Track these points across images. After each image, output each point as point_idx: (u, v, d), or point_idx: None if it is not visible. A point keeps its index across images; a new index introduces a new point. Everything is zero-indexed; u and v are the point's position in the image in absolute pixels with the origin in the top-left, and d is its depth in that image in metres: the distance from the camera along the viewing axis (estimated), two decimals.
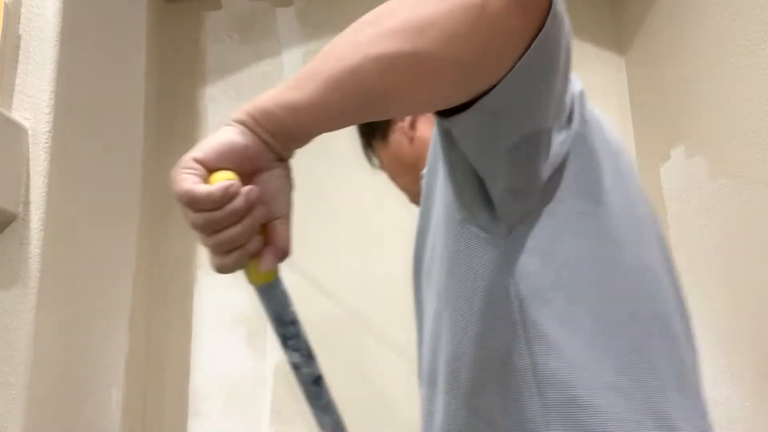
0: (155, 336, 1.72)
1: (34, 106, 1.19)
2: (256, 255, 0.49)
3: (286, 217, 0.50)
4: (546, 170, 0.56)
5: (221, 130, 0.48)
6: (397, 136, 0.90)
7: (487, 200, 0.58)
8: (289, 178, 0.51)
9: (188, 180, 0.45)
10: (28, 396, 1.09)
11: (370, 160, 1.03)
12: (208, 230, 0.46)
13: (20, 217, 1.14)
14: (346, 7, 1.94)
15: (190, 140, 1.86)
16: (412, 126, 0.88)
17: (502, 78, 0.46)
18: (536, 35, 0.45)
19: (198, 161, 0.46)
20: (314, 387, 0.63)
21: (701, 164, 1.47)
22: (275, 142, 0.48)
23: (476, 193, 0.58)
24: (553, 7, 0.45)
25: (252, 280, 0.51)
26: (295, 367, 0.61)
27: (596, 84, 1.86)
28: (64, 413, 1.23)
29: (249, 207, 0.46)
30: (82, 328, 1.31)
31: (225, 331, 1.72)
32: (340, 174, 1.82)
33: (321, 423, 0.66)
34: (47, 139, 1.19)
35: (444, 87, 0.47)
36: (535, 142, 0.53)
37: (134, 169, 1.64)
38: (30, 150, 1.17)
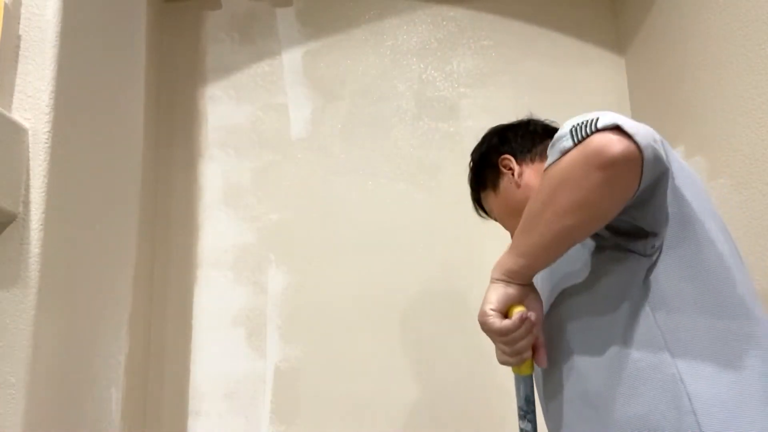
0: (155, 336, 1.72)
1: (34, 106, 1.19)
2: (528, 358, 0.83)
3: (539, 325, 0.83)
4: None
5: (492, 286, 0.81)
6: (506, 184, 1.09)
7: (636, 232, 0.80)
8: (536, 292, 0.84)
9: (497, 321, 0.79)
10: (28, 396, 1.09)
11: (479, 212, 1.22)
12: (512, 344, 0.80)
13: (20, 217, 1.14)
14: (346, 7, 1.94)
15: (190, 140, 1.86)
16: (520, 176, 1.08)
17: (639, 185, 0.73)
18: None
19: (493, 310, 0.79)
20: None
21: (701, 164, 1.47)
22: (523, 281, 0.82)
23: (631, 233, 0.81)
24: (645, 159, 0.69)
25: (523, 371, 0.85)
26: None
27: (596, 84, 1.86)
28: (64, 413, 1.22)
29: (532, 325, 0.79)
30: (82, 327, 1.31)
31: (225, 331, 1.72)
32: (341, 175, 1.82)
33: None
34: (47, 139, 1.18)
35: (609, 219, 0.76)
36: (663, 191, 0.78)
37: (134, 169, 1.64)
38: (30, 150, 1.17)
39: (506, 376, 1.66)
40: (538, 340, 0.83)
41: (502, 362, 0.83)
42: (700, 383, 0.72)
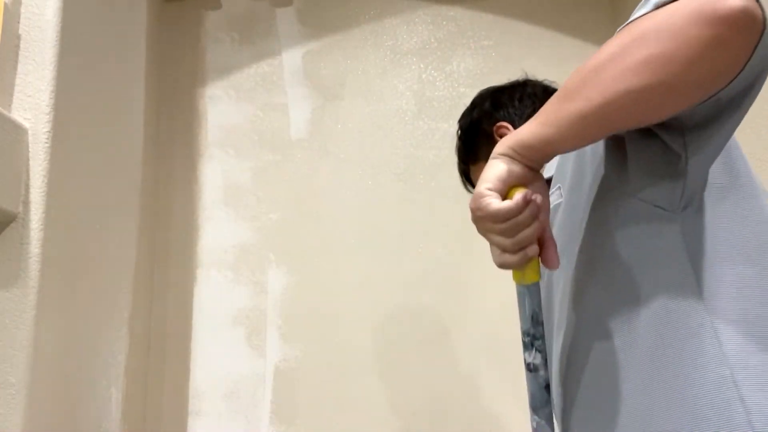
0: (155, 336, 1.72)
1: (34, 106, 1.19)
2: (534, 257, 0.62)
3: (548, 222, 0.64)
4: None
5: (493, 162, 0.62)
6: None
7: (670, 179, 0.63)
8: (544, 182, 0.64)
9: (494, 202, 0.60)
10: (28, 396, 1.09)
11: (465, 185, 1.06)
12: (511, 233, 0.60)
13: (20, 217, 1.14)
14: (346, 7, 1.94)
15: (190, 140, 1.86)
16: None
17: (735, 76, 0.54)
18: (756, 44, 0.53)
19: (490, 189, 0.60)
20: (545, 392, 0.67)
21: None
22: (533, 163, 0.62)
23: (662, 174, 0.63)
24: (765, 32, 0.53)
25: (529, 278, 0.64)
26: (534, 369, 0.67)
27: None
28: (64, 413, 1.22)
29: (538, 210, 0.60)
30: (82, 327, 1.31)
31: (225, 331, 1.72)
32: (341, 175, 1.82)
33: None
34: (47, 139, 1.18)
35: (685, 104, 0.56)
36: (739, 121, 0.60)
37: (134, 169, 1.64)
38: (30, 150, 1.17)
39: (509, 374, 1.66)
40: (546, 235, 0.63)
41: (501, 263, 0.62)
42: (757, 388, 0.56)
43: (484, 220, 0.61)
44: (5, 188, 1.10)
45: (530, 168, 0.62)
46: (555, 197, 0.78)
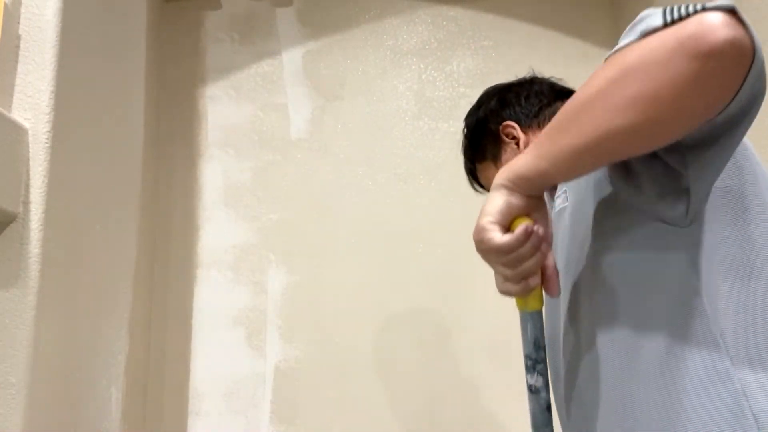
0: (155, 336, 1.72)
1: (34, 106, 1.19)
2: (536, 287, 0.64)
3: (551, 249, 0.65)
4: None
5: (493, 194, 0.64)
6: (510, 156, 0.93)
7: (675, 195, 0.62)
8: (546, 208, 0.65)
9: (496, 236, 0.61)
10: (28, 396, 1.09)
11: (472, 184, 1.06)
12: (514, 265, 0.62)
13: (20, 217, 1.14)
14: (346, 7, 1.94)
15: (190, 140, 1.86)
16: (527, 145, 0.91)
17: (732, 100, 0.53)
18: (749, 67, 0.51)
19: (492, 222, 0.62)
20: (547, 413, 0.69)
21: None
22: (533, 192, 0.63)
23: (667, 191, 0.63)
24: (755, 62, 0.51)
25: (530, 305, 0.66)
26: (536, 391, 0.68)
27: None
28: (64, 413, 1.22)
29: (540, 241, 0.61)
30: (82, 327, 1.31)
31: (225, 331, 1.72)
32: (341, 175, 1.82)
33: None
34: (47, 139, 1.18)
35: (678, 135, 0.56)
36: (740, 138, 0.60)
37: (134, 169, 1.64)
38: (30, 150, 1.17)
39: (509, 374, 1.66)
40: (548, 264, 0.64)
41: (504, 291, 0.65)
42: (767, 400, 0.56)
43: (487, 253, 0.62)
44: (5, 188, 1.10)
45: (530, 196, 0.63)
46: (561, 201, 0.78)
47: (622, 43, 0.57)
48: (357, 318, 1.71)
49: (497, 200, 0.63)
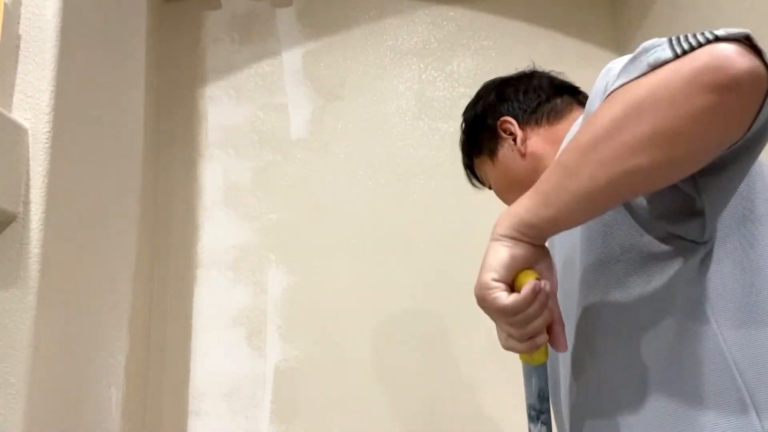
0: (155, 336, 1.72)
1: (34, 106, 1.19)
2: (545, 342, 0.60)
3: (557, 305, 0.61)
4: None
5: (495, 246, 0.59)
6: (507, 152, 0.92)
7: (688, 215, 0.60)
8: (550, 257, 0.61)
9: (502, 296, 0.57)
10: (28, 396, 1.09)
11: (471, 180, 1.04)
12: (522, 325, 0.58)
13: (20, 217, 1.14)
14: (346, 7, 1.94)
15: (190, 140, 1.86)
16: (524, 143, 0.90)
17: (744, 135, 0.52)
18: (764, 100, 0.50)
19: (496, 280, 0.57)
20: None
21: None
22: (538, 241, 0.60)
23: (681, 211, 0.60)
24: None
25: (536, 360, 0.64)
26: None
27: None
28: (64, 413, 1.22)
29: (548, 298, 0.58)
30: (82, 328, 1.31)
31: (225, 331, 1.72)
32: (341, 175, 1.82)
33: None
34: (47, 139, 1.18)
35: (696, 168, 0.53)
36: (754, 160, 0.58)
37: (134, 169, 1.64)
38: (30, 150, 1.17)
39: (509, 374, 1.66)
40: (555, 319, 0.61)
41: (509, 348, 0.62)
42: None
43: (491, 312, 0.59)
44: (5, 188, 1.10)
45: (535, 246, 0.59)
46: None
47: (623, 78, 0.53)
48: (357, 318, 1.71)
49: (500, 253, 0.58)
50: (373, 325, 1.71)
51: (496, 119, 0.94)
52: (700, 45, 0.49)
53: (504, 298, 0.57)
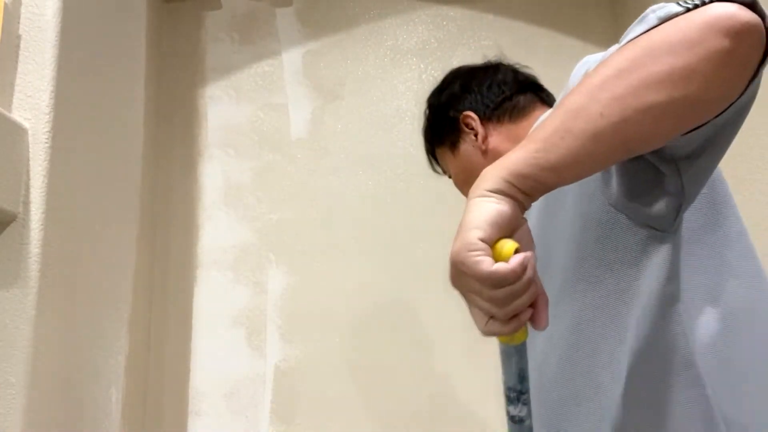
0: (155, 336, 1.72)
1: (34, 106, 1.19)
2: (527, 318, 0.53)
3: (539, 279, 0.53)
4: None
5: (479, 203, 0.50)
6: (468, 147, 0.91)
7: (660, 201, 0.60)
8: (527, 222, 0.54)
9: (485, 262, 0.48)
10: (28, 396, 1.09)
11: (433, 166, 1.03)
12: (506, 302, 0.49)
13: (20, 217, 1.14)
14: (346, 7, 1.94)
15: (190, 140, 1.86)
16: (485, 140, 0.89)
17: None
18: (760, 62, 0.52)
19: (482, 240, 0.48)
20: None
21: None
22: (529, 200, 0.52)
23: (652, 192, 0.60)
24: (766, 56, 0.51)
25: (517, 339, 0.56)
26: (520, 420, 0.62)
27: None
28: (64, 413, 1.22)
29: (535, 272, 0.50)
30: (82, 327, 1.31)
31: (225, 331, 1.72)
32: (341, 175, 1.82)
33: None
34: (47, 139, 1.18)
35: (702, 119, 0.52)
36: (728, 145, 0.59)
37: (134, 169, 1.64)
38: (30, 150, 1.17)
39: None
40: (539, 291, 0.54)
41: (489, 333, 0.53)
42: (738, 407, 0.57)
43: (468, 279, 0.49)
44: (5, 188, 1.10)
45: (524, 206, 0.52)
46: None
47: (633, 34, 0.53)
48: (357, 318, 1.71)
49: (486, 208, 0.50)
50: (373, 325, 1.71)
51: (459, 112, 0.93)
52: (707, 3, 0.50)
53: (489, 263, 0.48)
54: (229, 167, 1.84)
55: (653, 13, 0.53)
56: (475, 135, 0.90)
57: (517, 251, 0.49)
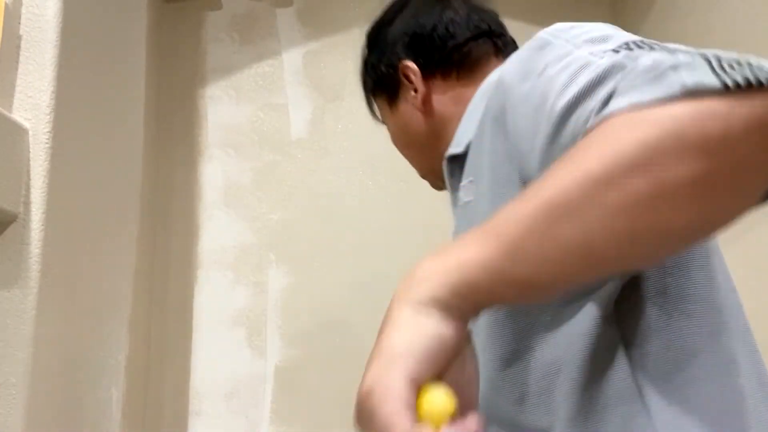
0: (155, 336, 1.72)
1: (34, 106, 1.19)
2: None
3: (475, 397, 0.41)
4: None
5: (413, 318, 0.38)
6: (409, 108, 0.77)
7: None
8: (471, 342, 0.41)
9: (403, 425, 0.35)
10: (28, 396, 1.09)
11: (372, 110, 0.89)
12: None
13: (20, 217, 1.14)
14: (346, 7, 1.94)
15: (190, 140, 1.86)
16: (426, 99, 0.74)
17: None
18: None
19: (409, 382, 0.36)
20: None
21: None
22: (476, 317, 0.39)
23: None
24: None
25: None
26: None
27: None
28: (64, 413, 1.22)
29: None
30: (82, 328, 1.31)
31: (225, 331, 1.72)
32: (341, 175, 1.82)
33: None
34: (47, 139, 1.18)
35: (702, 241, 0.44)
36: None
37: (134, 169, 1.64)
38: (30, 150, 1.17)
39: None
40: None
41: None
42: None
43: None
44: (5, 188, 1.10)
45: (466, 325, 0.39)
46: (465, 193, 0.62)
47: (641, 93, 0.37)
48: (357, 318, 1.71)
49: (421, 330, 0.38)
50: (374, 325, 1.70)
51: (399, 59, 0.76)
52: (754, 84, 0.36)
53: (408, 427, 0.35)
54: (229, 167, 1.84)
55: (675, 74, 0.37)
56: (415, 91, 0.74)
57: (452, 415, 0.36)
